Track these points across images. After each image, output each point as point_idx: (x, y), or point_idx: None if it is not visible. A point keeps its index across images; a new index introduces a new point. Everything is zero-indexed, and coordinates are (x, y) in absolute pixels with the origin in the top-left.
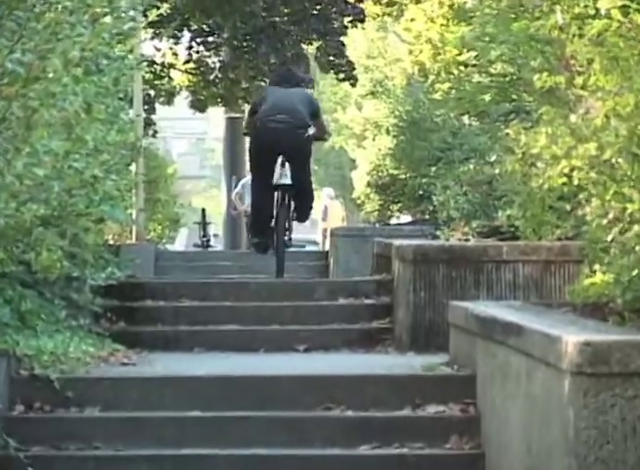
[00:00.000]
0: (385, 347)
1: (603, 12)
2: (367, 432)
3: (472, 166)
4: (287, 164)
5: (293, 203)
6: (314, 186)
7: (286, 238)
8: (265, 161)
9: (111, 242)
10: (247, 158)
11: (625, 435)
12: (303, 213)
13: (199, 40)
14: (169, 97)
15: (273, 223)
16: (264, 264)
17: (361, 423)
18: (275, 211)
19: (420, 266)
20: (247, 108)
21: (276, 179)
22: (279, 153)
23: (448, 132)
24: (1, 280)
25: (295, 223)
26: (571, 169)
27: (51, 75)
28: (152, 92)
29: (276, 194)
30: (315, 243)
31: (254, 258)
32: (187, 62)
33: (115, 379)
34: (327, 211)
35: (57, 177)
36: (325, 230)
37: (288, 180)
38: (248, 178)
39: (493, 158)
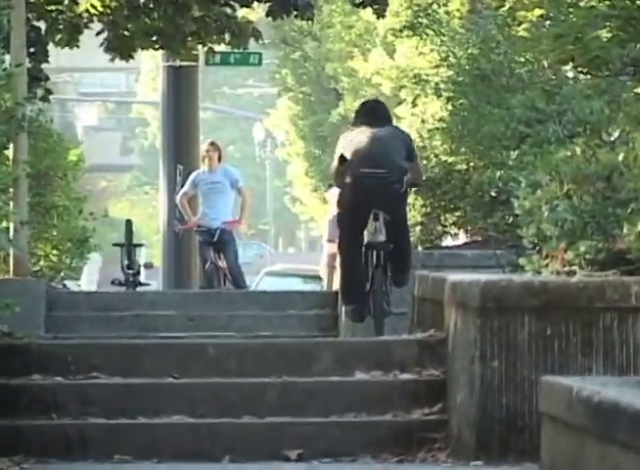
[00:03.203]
0: (433, 453)
1: None
2: None
3: (579, 150)
4: (380, 217)
5: (389, 263)
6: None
7: (385, 304)
8: (358, 217)
9: None
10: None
11: None
12: (402, 275)
13: None
14: (71, 34)
15: (368, 287)
16: (229, 317)
17: None
18: (370, 273)
19: (492, 318)
20: (201, 53)
21: (369, 236)
22: (373, 209)
23: (539, 93)
24: None
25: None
26: None
27: None
28: (42, 25)
29: (369, 253)
30: (316, 278)
31: (214, 303)
32: None
33: None
34: (335, 226)
35: None
36: (332, 257)
37: (383, 237)
38: (199, 171)
39: (615, 135)
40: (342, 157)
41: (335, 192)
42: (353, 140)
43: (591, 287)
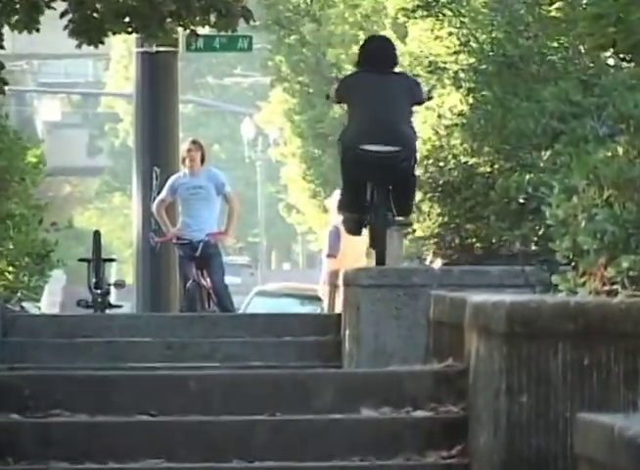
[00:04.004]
0: None
1: None
2: None
3: (621, 150)
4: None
5: (392, 190)
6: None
7: (388, 214)
8: (359, 184)
9: None
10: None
11: None
12: (407, 201)
13: None
14: (30, 15)
15: (369, 198)
16: (214, 344)
17: None
18: (370, 189)
19: (520, 345)
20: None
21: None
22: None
23: (575, 84)
24: None
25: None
26: None
27: None
28: None
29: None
30: (315, 299)
31: (196, 328)
32: None
33: None
34: (338, 239)
35: None
36: (334, 274)
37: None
38: (179, 175)
39: None
40: (340, 97)
41: (335, 198)
42: (356, 91)
43: (636, 309)
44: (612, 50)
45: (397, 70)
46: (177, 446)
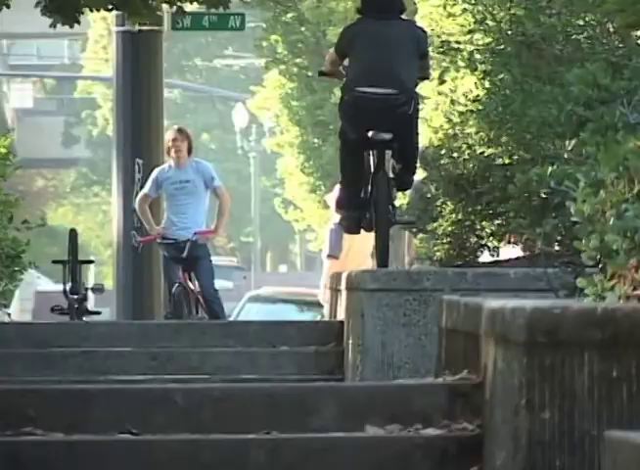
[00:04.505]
0: None
1: None
2: None
3: None
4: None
5: (394, 162)
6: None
7: (389, 211)
8: (359, 137)
9: None
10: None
11: None
12: (409, 176)
13: None
14: None
15: (369, 191)
16: (203, 355)
17: None
18: (370, 177)
19: (542, 356)
20: (167, 15)
21: (372, 133)
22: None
23: (603, 66)
24: None
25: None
26: None
27: None
28: None
29: (371, 153)
30: (315, 304)
31: (183, 337)
32: None
33: None
34: (339, 238)
35: None
36: (336, 277)
37: (387, 135)
38: (163, 167)
39: None
40: (342, 52)
41: (336, 194)
42: (357, 40)
43: None
44: None
45: (404, 17)
46: (162, 468)
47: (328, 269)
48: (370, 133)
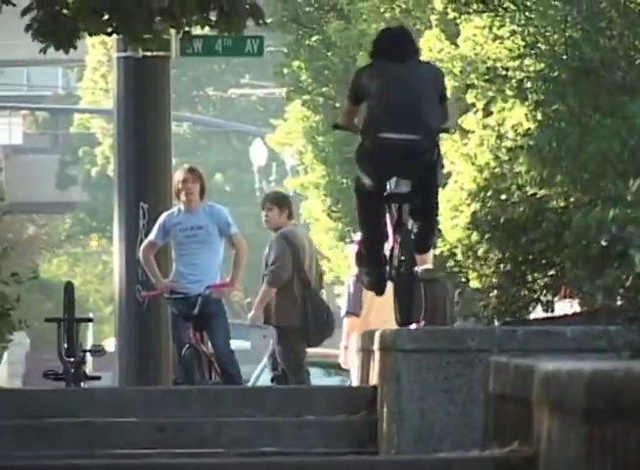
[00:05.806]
0: None
1: None
2: None
3: None
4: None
5: (413, 223)
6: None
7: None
8: (380, 186)
9: None
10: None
11: None
12: (426, 241)
13: None
14: None
15: (389, 249)
16: (217, 425)
17: None
18: (392, 232)
19: (603, 425)
20: (175, 39)
21: (390, 187)
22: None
23: None
24: None
25: None
26: None
27: None
28: None
29: (390, 208)
30: (337, 367)
31: (194, 405)
32: None
33: None
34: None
35: None
36: (367, 336)
37: (407, 188)
38: (172, 212)
39: None
40: (358, 98)
41: (356, 245)
42: (372, 83)
43: None
44: None
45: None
46: None
47: (348, 328)
48: (389, 185)
